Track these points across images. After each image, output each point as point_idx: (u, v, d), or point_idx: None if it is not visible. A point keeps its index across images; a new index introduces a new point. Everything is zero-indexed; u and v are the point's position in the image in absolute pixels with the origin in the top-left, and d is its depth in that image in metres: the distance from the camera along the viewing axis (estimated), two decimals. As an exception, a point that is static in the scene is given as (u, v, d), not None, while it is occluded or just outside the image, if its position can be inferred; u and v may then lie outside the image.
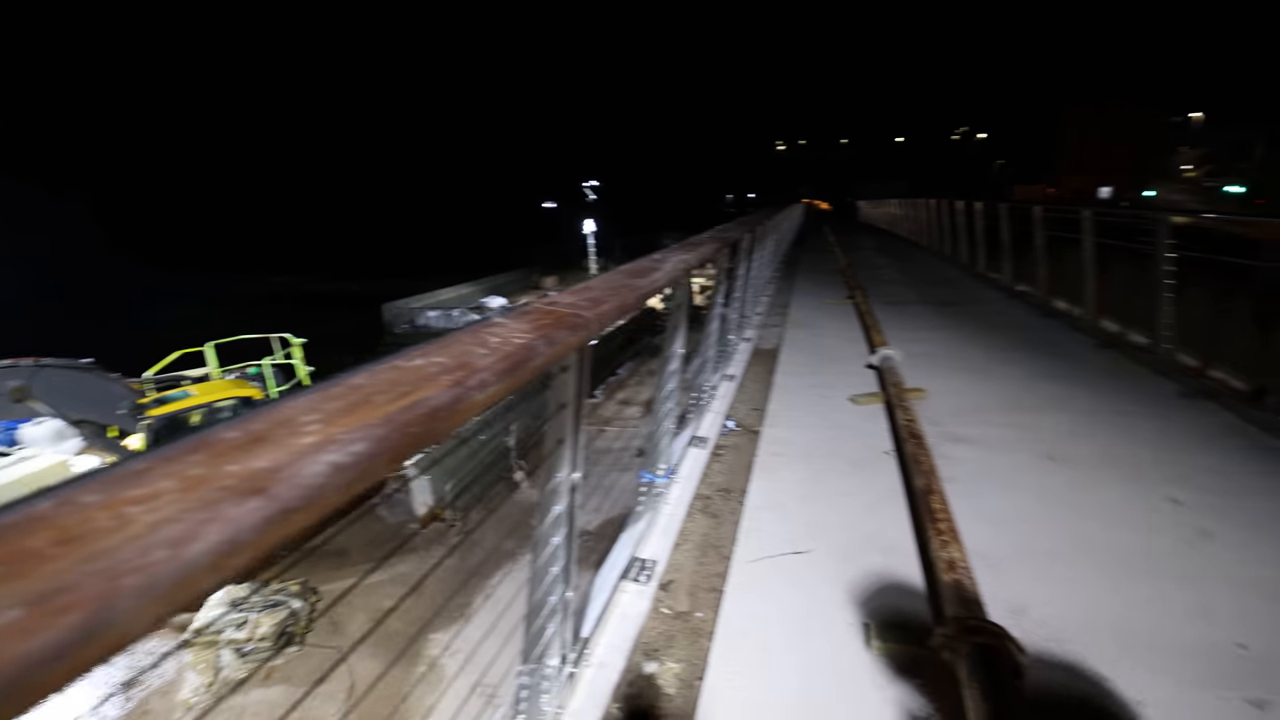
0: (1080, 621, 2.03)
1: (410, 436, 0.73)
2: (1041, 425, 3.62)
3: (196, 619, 7.01)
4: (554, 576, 1.59)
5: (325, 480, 0.60)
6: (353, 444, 0.64)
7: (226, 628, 6.94)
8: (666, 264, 2.04)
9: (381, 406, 0.73)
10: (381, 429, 0.69)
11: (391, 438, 0.69)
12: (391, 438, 0.69)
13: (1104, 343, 5.43)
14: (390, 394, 0.77)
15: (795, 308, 7.53)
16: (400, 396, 0.76)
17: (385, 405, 0.73)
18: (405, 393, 0.77)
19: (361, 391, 0.76)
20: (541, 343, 1.08)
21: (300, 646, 7.29)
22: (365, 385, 0.78)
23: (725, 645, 2.02)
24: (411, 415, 0.74)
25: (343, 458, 0.63)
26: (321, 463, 0.61)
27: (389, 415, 0.72)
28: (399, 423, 0.72)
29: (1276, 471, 3.03)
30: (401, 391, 0.78)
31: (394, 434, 0.70)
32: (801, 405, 4.11)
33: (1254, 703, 1.71)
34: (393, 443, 0.69)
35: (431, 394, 0.79)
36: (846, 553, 2.46)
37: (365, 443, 0.66)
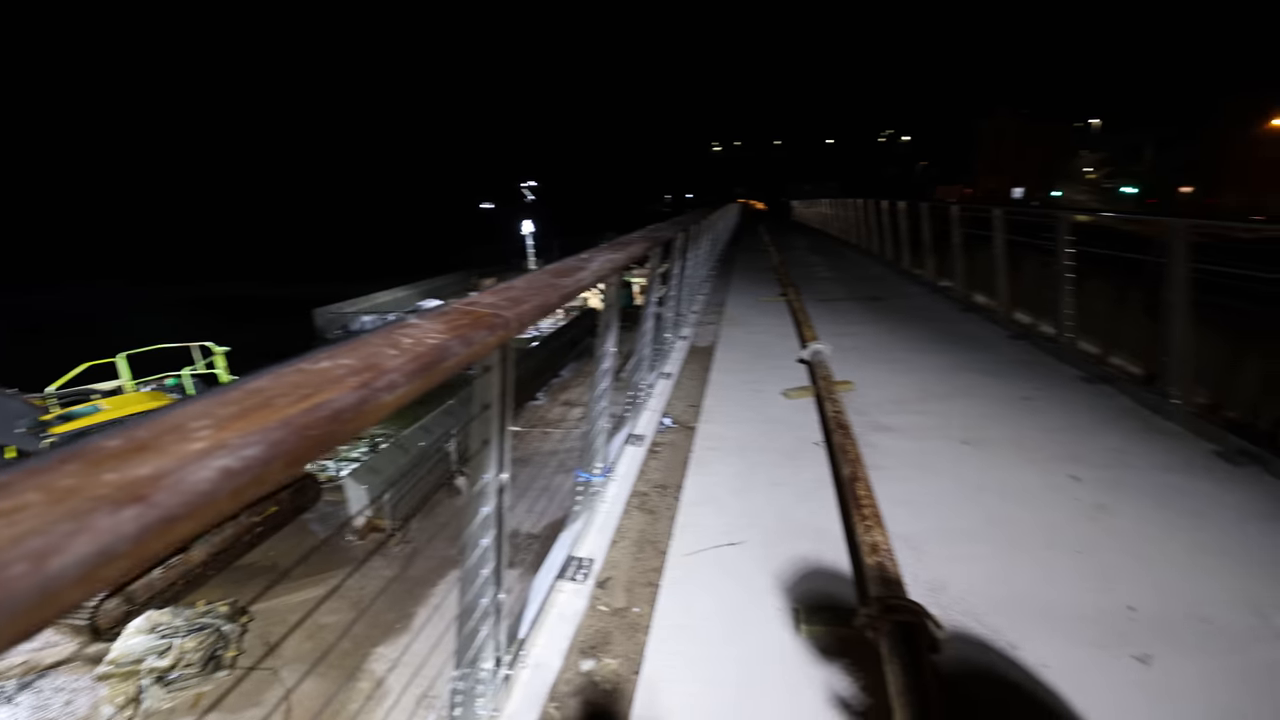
0: (992, 595, 2.16)
1: (310, 439, 0.71)
2: (958, 412, 3.83)
3: (113, 649, 6.55)
4: (484, 579, 1.58)
5: (214, 486, 0.58)
6: (245, 448, 0.63)
7: (147, 656, 6.51)
8: (593, 263, 2.05)
9: (280, 410, 0.71)
10: (278, 432, 0.67)
11: (289, 441, 0.68)
12: (289, 441, 0.68)
13: (1016, 334, 5.78)
14: (291, 397, 0.75)
15: (731, 306, 7.68)
16: (302, 399, 0.74)
17: (285, 408, 0.72)
18: (307, 395, 0.75)
19: (261, 395, 0.74)
20: (456, 343, 1.07)
21: (231, 670, 6.91)
22: (266, 389, 0.76)
23: (661, 638, 2.05)
24: (312, 418, 0.72)
25: (234, 462, 0.61)
26: (210, 468, 0.59)
27: (287, 418, 0.70)
28: (297, 426, 0.70)
29: (1164, 449, 3.30)
30: (304, 394, 0.76)
31: (291, 437, 0.68)
32: (736, 400, 4.20)
33: (1140, 658, 1.86)
34: (290, 446, 0.68)
35: (335, 396, 0.78)
36: (779, 541, 2.53)
37: (259, 447, 0.64)
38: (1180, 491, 2.84)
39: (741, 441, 3.54)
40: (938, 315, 6.83)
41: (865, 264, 11.96)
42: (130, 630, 6.68)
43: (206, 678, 6.54)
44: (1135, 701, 1.72)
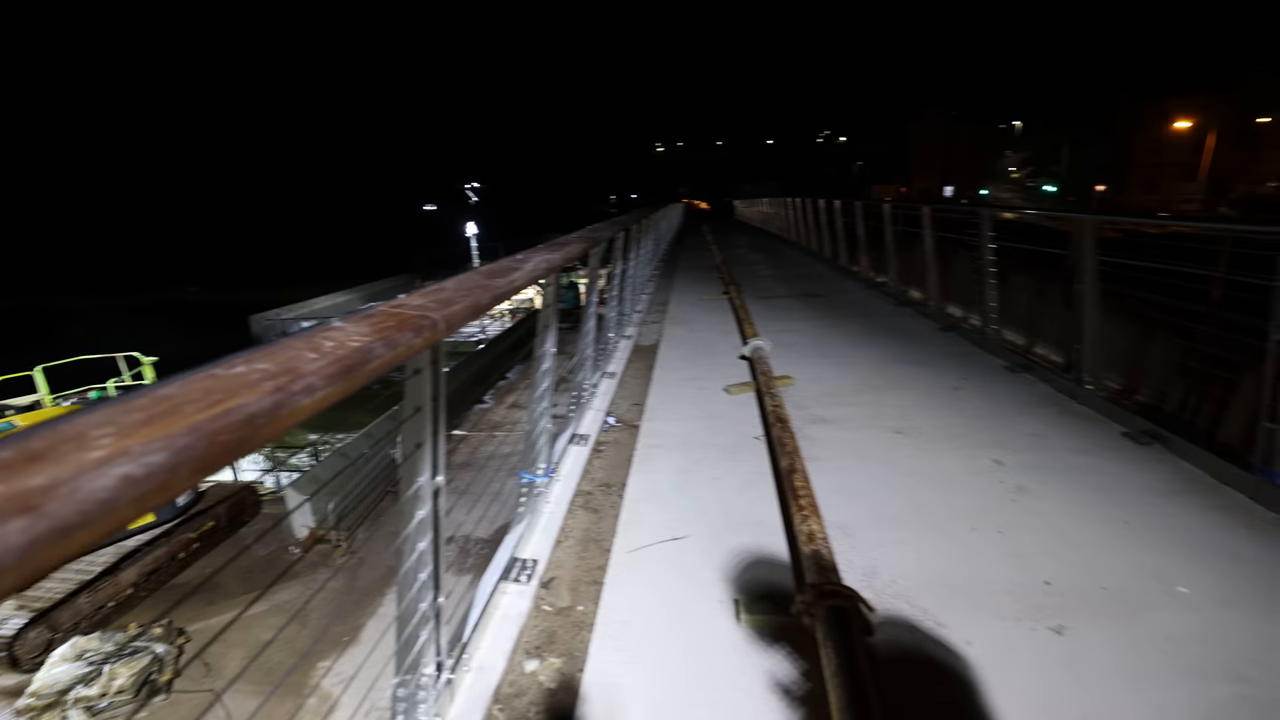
0: (921, 577, 2.26)
1: (220, 445, 0.70)
2: (892, 403, 3.98)
3: (35, 680, 6.11)
4: (422, 583, 1.55)
5: (113, 494, 0.56)
6: (148, 455, 0.61)
7: (73, 685, 6.10)
8: (528, 263, 2.05)
9: (189, 416, 0.69)
10: (185, 439, 0.66)
11: (196, 447, 0.66)
12: (196, 447, 0.66)
13: (946, 327, 6.05)
14: (202, 403, 0.73)
15: (675, 304, 7.76)
16: (212, 405, 0.72)
17: (193, 415, 0.70)
18: (218, 401, 0.74)
19: (169, 402, 0.72)
20: (380, 345, 1.05)
21: (167, 695, 6.56)
22: (174, 395, 0.74)
23: (605, 635, 2.06)
24: (223, 423, 0.70)
25: (135, 470, 0.59)
26: (109, 476, 0.57)
27: (195, 425, 0.68)
28: (206, 432, 0.68)
29: (1078, 432, 3.52)
30: (215, 400, 0.74)
31: (199, 443, 0.66)
32: (679, 398, 4.25)
33: (1054, 629, 1.99)
34: (197, 452, 0.66)
35: (249, 401, 0.76)
36: (720, 534, 2.59)
37: (164, 454, 0.62)
38: (1092, 471, 3.04)
39: (685, 438, 3.59)
40: (873, 310, 7.08)
41: (805, 261, 12.27)
42: (54, 659, 6.25)
43: (142, 704, 6.18)
44: (1051, 670, 1.83)
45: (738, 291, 7.59)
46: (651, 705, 1.79)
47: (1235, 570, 2.27)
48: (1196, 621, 2.01)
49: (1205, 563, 2.31)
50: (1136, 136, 45.74)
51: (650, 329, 6.46)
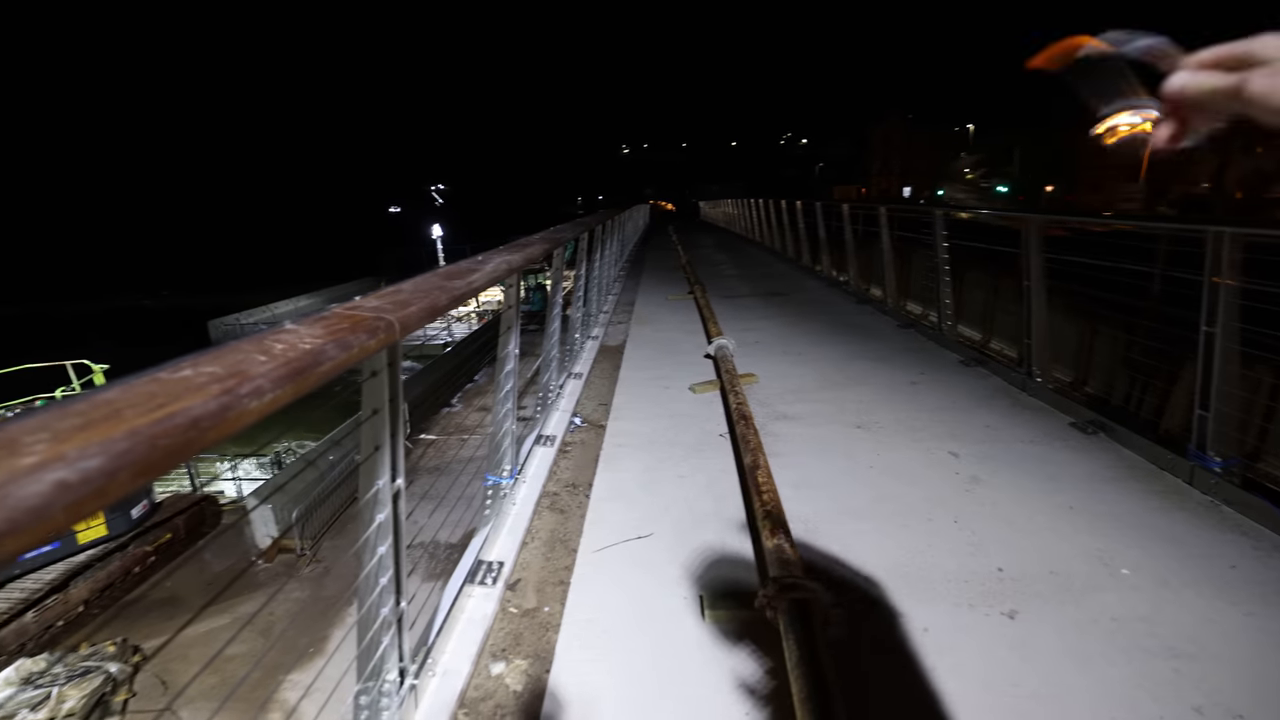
0: (880, 567, 2.32)
1: (162, 449, 0.69)
2: (852, 399, 4.07)
3: (-26, 704, 5.82)
4: (383, 588, 1.54)
5: (45, 500, 0.55)
6: (84, 461, 0.60)
7: (18, 710, 5.83)
8: (488, 265, 2.04)
9: (129, 420, 0.68)
10: (124, 443, 0.65)
11: (136, 451, 0.65)
12: (136, 451, 0.65)
13: (904, 323, 6.19)
14: (143, 407, 0.71)
15: (640, 304, 7.79)
16: (155, 409, 0.71)
17: (134, 419, 0.68)
18: (161, 405, 0.72)
19: (109, 406, 0.70)
20: (332, 346, 1.04)
21: (122, 716, 6.32)
22: (115, 399, 0.72)
23: (571, 635, 2.06)
24: (165, 427, 0.69)
25: (70, 475, 0.58)
26: (42, 482, 0.56)
27: (135, 429, 0.67)
28: (147, 435, 0.67)
29: (1029, 423, 3.65)
30: (158, 404, 0.72)
31: (139, 447, 0.65)
32: (645, 397, 4.27)
33: (1007, 614, 2.06)
34: (137, 456, 0.65)
35: (194, 404, 0.75)
36: (686, 532, 2.61)
37: (100, 459, 0.61)
38: (1041, 460, 3.16)
39: (651, 437, 3.60)
40: (835, 308, 7.21)
41: (768, 261, 12.43)
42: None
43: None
44: (1003, 654, 1.90)
45: (702, 291, 7.66)
46: (620, 703, 1.80)
47: (1172, 552, 2.38)
48: (1138, 601, 2.10)
49: (1145, 545, 2.42)
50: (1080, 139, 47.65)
51: (617, 329, 6.47)
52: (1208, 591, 2.15)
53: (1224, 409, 2.78)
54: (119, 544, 8.34)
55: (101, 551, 8.14)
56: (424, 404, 12.54)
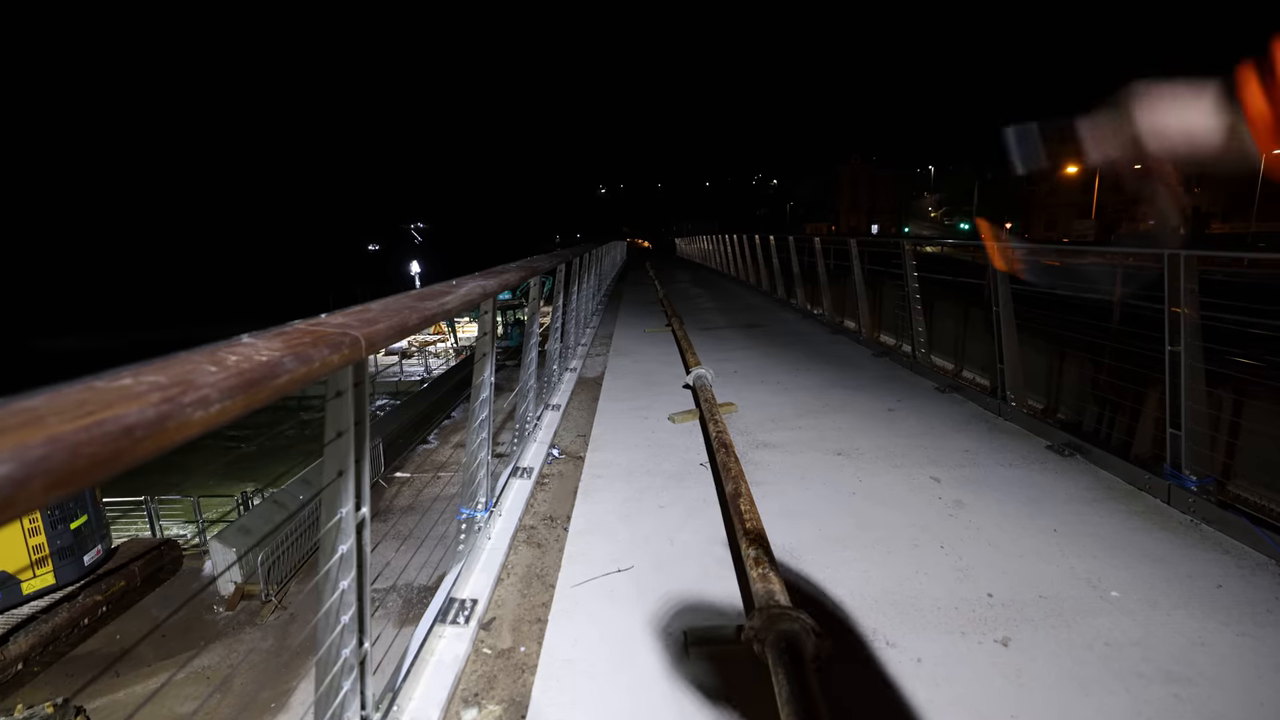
0: (868, 595, 2.25)
1: (85, 458, 0.61)
2: (831, 426, 4.04)
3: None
4: (344, 626, 1.42)
5: None
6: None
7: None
8: (462, 288, 1.98)
9: (50, 427, 0.60)
10: (40, 450, 0.57)
11: (53, 459, 0.57)
12: (53, 459, 0.57)
13: (878, 352, 6.24)
14: (70, 414, 0.64)
15: (619, 337, 7.75)
16: (83, 416, 0.64)
17: (57, 425, 0.61)
18: (91, 412, 0.65)
19: (30, 413, 0.63)
20: (291, 359, 0.97)
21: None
22: (38, 407, 0.64)
23: (548, 677, 1.94)
24: (91, 435, 0.62)
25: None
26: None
27: (56, 435, 0.59)
28: (69, 444, 0.59)
29: (1006, 447, 3.65)
30: (87, 410, 0.65)
31: (58, 455, 0.57)
32: (624, 428, 4.19)
33: (1000, 641, 2.00)
34: (53, 465, 0.57)
35: (127, 412, 0.67)
36: (666, 564, 2.52)
37: (9, 465, 0.54)
38: (1021, 483, 3.14)
39: (630, 467, 3.52)
40: (810, 338, 7.25)
41: (744, 294, 12.55)
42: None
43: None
44: (1000, 684, 1.83)
45: (680, 323, 7.66)
46: (599, 749, 1.69)
47: (1159, 572, 2.36)
48: (1129, 624, 2.06)
49: (1131, 566, 2.39)
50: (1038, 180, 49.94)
51: (595, 361, 6.40)
52: (1198, 612, 2.11)
53: (1196, 428, 2.80)
54: (68, 594, 7.87)
55: (48, 602, 7.67)
56: (399, 441, 12.25)
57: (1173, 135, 0.55)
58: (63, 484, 0.60)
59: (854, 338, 7.04)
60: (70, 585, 8.07)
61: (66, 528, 8.08)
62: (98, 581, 8.33)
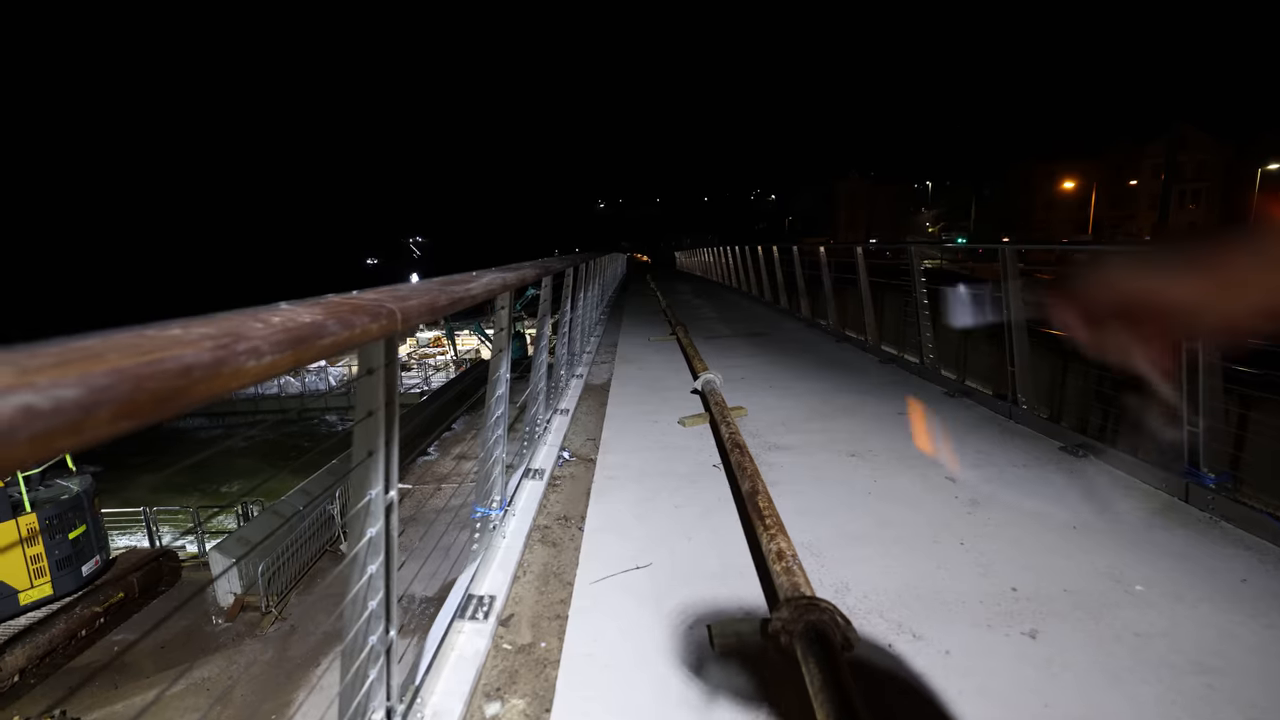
0: (892, 590, 2.23)
1: (149, 393, 0.60)
2: (843, 429, 4.03)
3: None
4: (372, 612, 1.40)
5: (9, 424, 0.46)
6: (58, 390, 0.51)
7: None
8: (483, 278, 1.98)
9: (111, 361, 0.59)
10: (105, 379, 0.56)
11: (119, 389, 0.56)
12: (119, 389, 0.56)
13: (885, 359, 6.24)
14: (129, 351, 0.63)
15: (623, 345, 7.75)
16: (141, 354, 0.62)
17: (117, 360, 0.60)
18: (148, 352, 0.64)
19: (88, 351, 0.61)
20: (334, 323, 0.97)
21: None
22: (94, 346, 0.63)
23: (572, 671, 1.92)
24: (153, 370, 0.61)
25: (40, 401, 0.49)
26: (6, 403, 0.47)
27: (119, 368, 0.58)
28: (133, 375, 0.58)
29: (1019, 448, 3.64)
30: (144, 350, 0.64)
31: (123, 385, 0.56)
32: (634, 431, 4.18)
33: (1027, 633, 1.98)
34: (120, 394, 0.56)
35: (185, 353, 0.66)
36: (685, 561, 2.49)
37: (78, 390, 0.52)
38: (1037, 482, 3.13)
39: (642, 469, 3.50)
40: (816, 346, 7.26)
41: (747, 304, 12.57)
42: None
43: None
44: (1030, 675, 1.80)
45: (684, 332, 7.66)
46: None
47: (1181, 567, 2.34)
48: (1156, 617, 2.04)
49: (1153, 561, 2.37)
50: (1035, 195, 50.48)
51: (601, 369, 6.40)
52: (1224, 606, 2.09)
53: (1214, 423, 2.79)
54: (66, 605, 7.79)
55: (45, 613, 7.58)
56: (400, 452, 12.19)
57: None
58: (128, 414, 0.59)
59: (860, 345, 7.04)
60: (68, 596, 7.98)
61: (65, 538, 8.02)
62: (96, 592, 8.24)
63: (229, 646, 7.87)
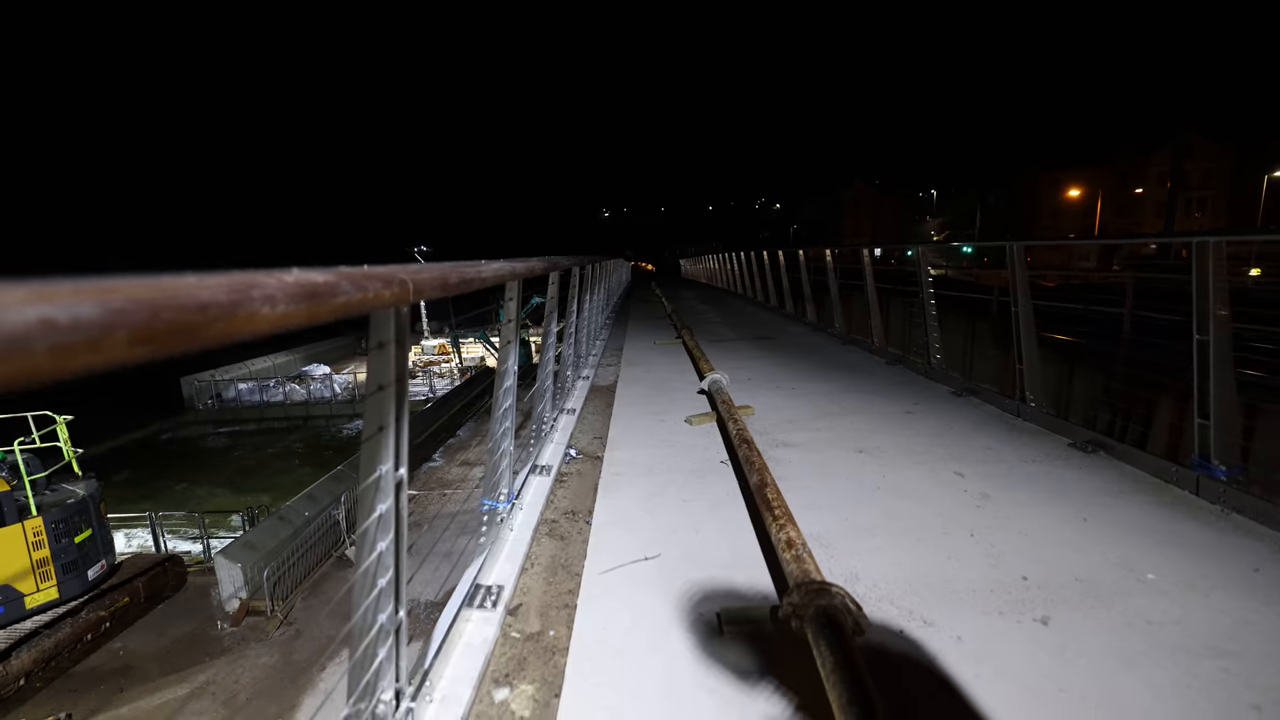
0: (901, 579, 2.21)
1: (165, 323, 0.60)
2: (850, 427, 4.01)
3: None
4: (381, 590, 1.40)
5: (28, 333, 0.47)
6: (77, 307, 0.51)
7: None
8: (493, 266, 1.99)
9: (129, 292, 0.60)
10: (123, 304, 0.56)
11: (136, 314, 0.56)
12: (136, 314, 0.56)
13: (892, 361, 6.22)
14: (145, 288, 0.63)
15: (629, 349, 7.75)
16: (159, 290, 0.63)
17: (136, 292, 0.60)
18: (164, 289, 0.64)
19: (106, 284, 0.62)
20: (347, 284, 0.97)
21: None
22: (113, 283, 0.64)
23: (581, 658, 1.91)
24: (170, 303, 0.61)
25: (59, 315, 0.50)
26: (27, 314, 0.47)
27: (136, 297, 0.59)
28: (149, 304, 0.59)
29: (1028, 444, 3.61)
30: (160, 288, 0.64)
31: (139, 312, 0.57)
32: (641, 429, 4.17)
33: (1040, 620, 1.96)
34: (137, 320, 0.57)
35: (203, 293, 0.67)
36: (694, 552, 2.48)
37: (96, 310, 0.53)
38: (1046, 478, 3.11)
39: (649, 465, 3.49)
40: (822, 349, 7.24)
41: (752, 310, 12.57)
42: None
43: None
44: (1044, 659, 1.79)
45: (690, 335, 7.66)
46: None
47: (1191, 557, 2.31)
48: (1169, 605, 2.02)
49: (1164, 552, 2.35)
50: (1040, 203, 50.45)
51: (606, 371, 6.40)
52: (1237, 593, 2.07)
53: (1225, 416, 2.77)
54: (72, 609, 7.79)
55: (51, 617, 7.58)
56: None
57: None
58: (145, 340, 0.59)
59: (866, 348, 7.03)
60: (74, 600, 7.98)
61: (71, 541, 8.03)
62: (101, 596, 8.24)
63: (234, 650, 7.85)
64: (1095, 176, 48.01)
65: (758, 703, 1.68)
